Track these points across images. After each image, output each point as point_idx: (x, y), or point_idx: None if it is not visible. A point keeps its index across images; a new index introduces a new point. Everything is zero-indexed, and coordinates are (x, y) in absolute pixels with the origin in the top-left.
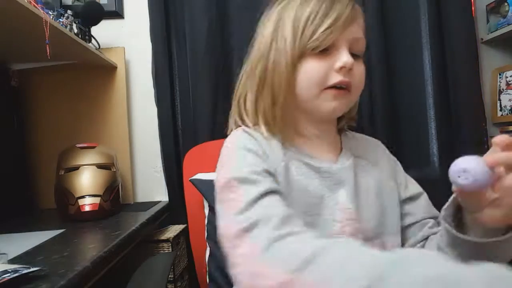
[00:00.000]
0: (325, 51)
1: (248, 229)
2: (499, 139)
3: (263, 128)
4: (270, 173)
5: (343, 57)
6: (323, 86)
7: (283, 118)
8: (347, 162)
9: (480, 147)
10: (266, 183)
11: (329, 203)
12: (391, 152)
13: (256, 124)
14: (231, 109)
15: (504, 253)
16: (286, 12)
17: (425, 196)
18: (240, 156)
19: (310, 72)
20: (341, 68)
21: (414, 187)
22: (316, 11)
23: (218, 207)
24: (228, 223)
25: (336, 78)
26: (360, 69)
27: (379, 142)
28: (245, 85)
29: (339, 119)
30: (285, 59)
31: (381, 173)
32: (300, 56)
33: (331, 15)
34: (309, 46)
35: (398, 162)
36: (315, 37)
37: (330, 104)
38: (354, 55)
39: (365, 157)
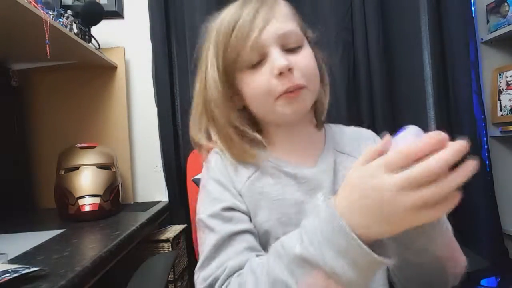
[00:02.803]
0: (258, 62)
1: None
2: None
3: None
4: (233, 209)
5: (276, 62)
6: (274, 96)
7: (250, 139)
8: (326, 164)
9: (480, 147)
10: (226, 227)
11: (309, 209)
12: None
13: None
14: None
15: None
16: (209, 45)
17: None
18: (207, 193)
19: (254, 89)
20: (280, 73)
21: None
22: (233, 24)
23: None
24: (195, 278)
25: (281, 86)
26: (304, 61)
27: (371, 134)
28: (201, 118)
29: (315, 113)
30: (218, 98)
31: None
32: (231, 86)
33: (248, 31)
34: (239, 67)
35: None
36: (240, 59)
37: (291, 109)
38: (291, 50)
39: (351, 153)
